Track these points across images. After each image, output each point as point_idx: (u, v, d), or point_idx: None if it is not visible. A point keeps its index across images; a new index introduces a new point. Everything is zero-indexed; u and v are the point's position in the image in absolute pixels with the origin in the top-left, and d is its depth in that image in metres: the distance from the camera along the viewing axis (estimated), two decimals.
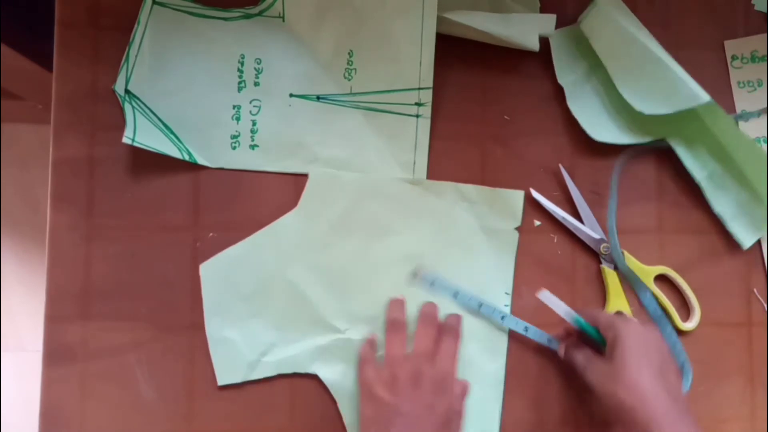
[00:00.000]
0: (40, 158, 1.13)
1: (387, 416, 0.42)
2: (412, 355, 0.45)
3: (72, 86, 0.48)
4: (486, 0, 0.49)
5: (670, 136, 0.51)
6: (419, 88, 0.49)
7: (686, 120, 0.49)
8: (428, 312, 0.47)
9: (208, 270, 0.48)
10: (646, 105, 0.48)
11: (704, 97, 0.46)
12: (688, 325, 0.50)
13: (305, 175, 0.49)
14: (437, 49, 0.48)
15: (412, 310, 0.48)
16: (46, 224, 0.47)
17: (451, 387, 0.44)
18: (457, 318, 0.48)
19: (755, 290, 0.52)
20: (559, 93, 0.51)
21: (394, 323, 0.47)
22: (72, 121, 0.48)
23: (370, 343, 0.47)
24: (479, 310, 0.49)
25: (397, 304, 0.48)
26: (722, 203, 0.51)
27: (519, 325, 0.49)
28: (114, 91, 0.47)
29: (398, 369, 0.44)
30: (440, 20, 0.47)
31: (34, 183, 1.12)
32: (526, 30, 0.47)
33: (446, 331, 0.47)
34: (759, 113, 0.53)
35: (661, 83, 0.47)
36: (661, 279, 0.51)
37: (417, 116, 0.49)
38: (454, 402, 0.44)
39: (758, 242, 0.52)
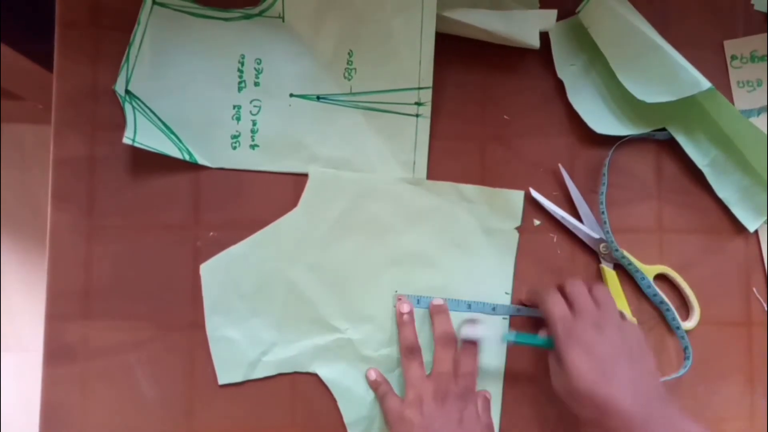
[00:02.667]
0: (40, 158, 1.13)
1: None
2: (434, 375, 0.45)
3: (72, 86, 0.48)
4: None
5: (670, 125, 0.51)
6: (419, 88, 0.49)
7: (686, 108, 0.49)
8: (445, 332, 0.47)
9: (209, 270, 0.48)
10: (646, 93, 0.48)
11: (705, 83, 0.46)
12: (688, 325, 0.50)
13: (305, 175, 0.49)
14: (437, 48, 0.48)
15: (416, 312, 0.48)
16: (46, 224, 0.47)
17: (475, 400, 0.45)
18: (473, 331, 0.47)
19: (755, 289, 0.52)
20: (560, 92, 0.51)
21: (410, 349, 0.47)
22: (72, 121, 0.48)
23: (377, 379, 0.47)
24: (470, 310, 0.49)
25: (407, 330, 0.47)
26: (726, 188, 0.51)
27: (511, 309, 0.49)
28: (114, 92, 0.47)
29: (422, 390, 0.45)
30: (440, 19, 0.47)
31: (35, 183, 1.12)
32: (526, 27, 0.47)
33: (464, 350, 0.47)
34: (759, 112, 0.53)
35: (661, 71, 0.47)
36: (661, 278, 0.51)
37: (417, 116, 0.49)
38: (482, 414, 0.45)
39: (758, 242, 0.52)
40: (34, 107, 0.97)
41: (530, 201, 0.50)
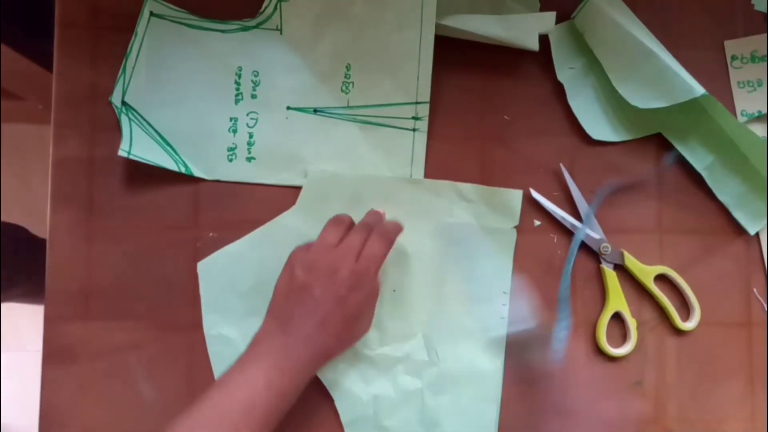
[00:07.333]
0: (40, 158, 1.13)
1: (298, 293, 0.42)
2: (339, 248, 0.44)
3: (72, 86, 0.48)
4: None
5: (666, 131, 0.51)
6: (416, 103, 0.49)
7: (681, 114, 0.49)
8: (370, 221, 0.46)
9: (206, 268, 0.48)
10: (640, 99, 0.48)
11: (699, 89, 0.46)
12: (688, 325, 0.50)
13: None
14: (437, 50, 0.48)
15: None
16: (46, 225, 0.47)
17: (367, 285, 0.44)
18: (395, 225, 0.47)
19: (755, 290, 0.52)
20: (559, 93, 0.51)
21: (338, 219, 0.46)
22: (72, 122, 0.48)
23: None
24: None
25: (347, 215, 0.47)
26: (725, 192, 0.51)
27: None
28: (111, 103, 0.47)
29: (321, 256, 0.43)
30: (439, 25, 0.47)
31: (34, 183, 1.12)
32: (525, 31, 0.47)
33: (378, 233, 0.45)
34: (759, 113, 0.53)
35: (654, 77, 0.47)
36: (661, 279, 0.51)
37: (414, 130, 0.49)
38: (367, 300, 0.44)
39: (759, 243, 0.52)
40: (34, 107, 0.98)
41: (530, 201, 0.50)
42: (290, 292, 0.43)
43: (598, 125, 0.51)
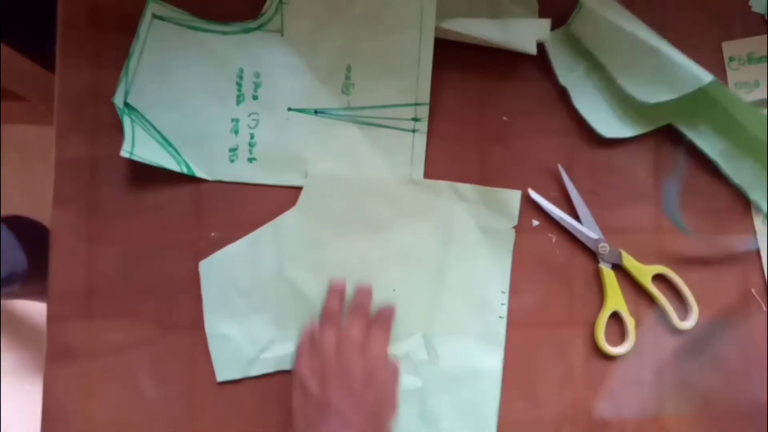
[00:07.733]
0: (41, 159, 1.13)
1: (316, 410, 0.42)
2: (341, 349, 0.44)
3: (74, 87, 0.48)
4: (485, 0, 0.50)
5: (676, 121, 0.51)
6: (416, 104, 0.49)
7: (690, 103, 0.49)
8: (360, 303, 0.47)
9: (208, 267, 0.48)
10: (647, 94, 0.48)
11: (706, 77, 0.46)
12: (686, 325, 0.51)
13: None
14: (436, 51, 0.48)
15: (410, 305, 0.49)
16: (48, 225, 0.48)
17: (381, 376, 0.44)
18: (390, 310, 0.47)
19: (753, 290, 0.52)
20: (558, 93, 0.52)
21: (330, 314, 0.46)
22: (75, 122, 0.48)
23: (310, 335, 0.46)
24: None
25: (335, 294, 0.47)
26: (739, 175, 0.51)
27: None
28: (113, 104, 0.47)
29: (328, 361, 0.44)
30: (438, 28, 0.47)
31: (36, 184, 1.12)
32: (522, 35, 0.48)
33: (377, 321, 0.46)
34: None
35: (660, 71, 0.48)
36: (659, 278, 0.51)
37: (413, 131, 0.50)
38: (384, 390, 0.44)
39: (755, 242, 0.53)
40: (35, 108, 0.98)
41: (529, 201, 0.51)
42: (308, 409, 0.43)
43: (608, 123, 0.51)
